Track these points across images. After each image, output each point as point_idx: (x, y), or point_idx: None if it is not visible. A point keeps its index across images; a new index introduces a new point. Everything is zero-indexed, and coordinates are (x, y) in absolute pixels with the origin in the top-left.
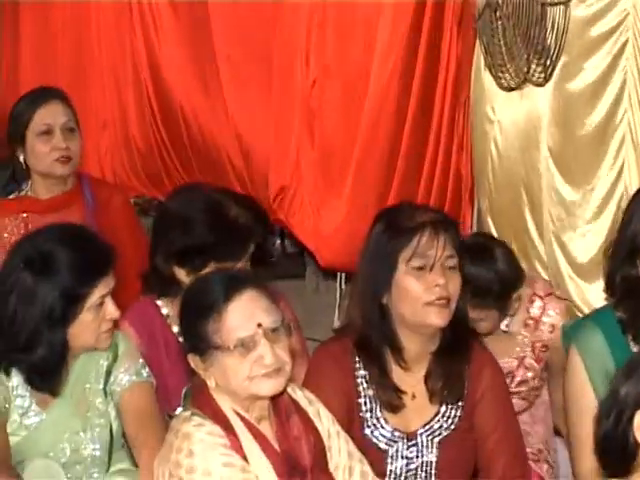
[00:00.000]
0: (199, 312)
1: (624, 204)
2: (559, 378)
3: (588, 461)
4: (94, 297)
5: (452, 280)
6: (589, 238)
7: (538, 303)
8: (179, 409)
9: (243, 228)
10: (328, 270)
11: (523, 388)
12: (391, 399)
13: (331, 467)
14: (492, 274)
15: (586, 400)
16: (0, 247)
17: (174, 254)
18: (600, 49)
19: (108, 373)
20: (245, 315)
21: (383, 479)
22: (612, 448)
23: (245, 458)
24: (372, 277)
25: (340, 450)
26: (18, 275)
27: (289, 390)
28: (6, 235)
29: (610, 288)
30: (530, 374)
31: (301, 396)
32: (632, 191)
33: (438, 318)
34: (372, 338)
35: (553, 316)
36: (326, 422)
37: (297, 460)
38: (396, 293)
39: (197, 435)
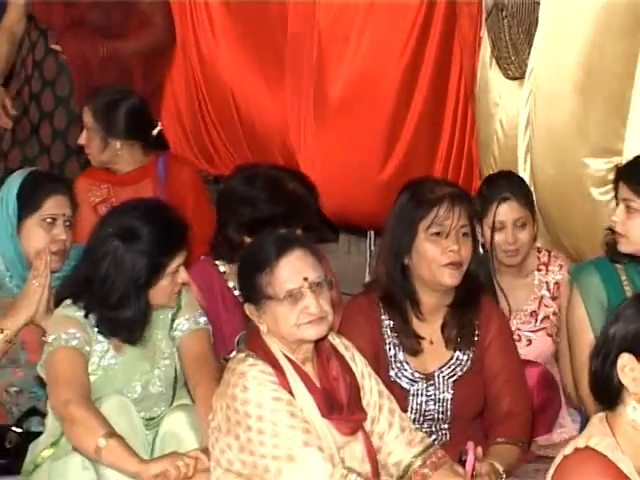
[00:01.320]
0: (255, 267)
1: None
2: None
3: (587, 385)
4: (172, 266)
5: (464, 246)
6: None
7: (545, 252)
8: (234, 352)
9: (301, 198)
10: (335, 222)
11: (547, 324)
12: (412, 344)
13: (364, 403)
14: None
15: (584, 333)
16: (86, 206)
17: (244, 226)
18: None
19: (172, 321)
20: (294, 270)
21: (406, 413)
22: (600, 384)
23: (291, 393)
24: (396, 241)
25: (372, 389)
26: (110, 245)
27: (329, 337)
28: (92, 198)
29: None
30: (550, 309)
31: (339, 343)
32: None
33: (450, 278)
34: (395, 293)
35: (560, 257)
36: (360, 365)
37: (335, 396)
38: (416, 255)
39: (251, 373)
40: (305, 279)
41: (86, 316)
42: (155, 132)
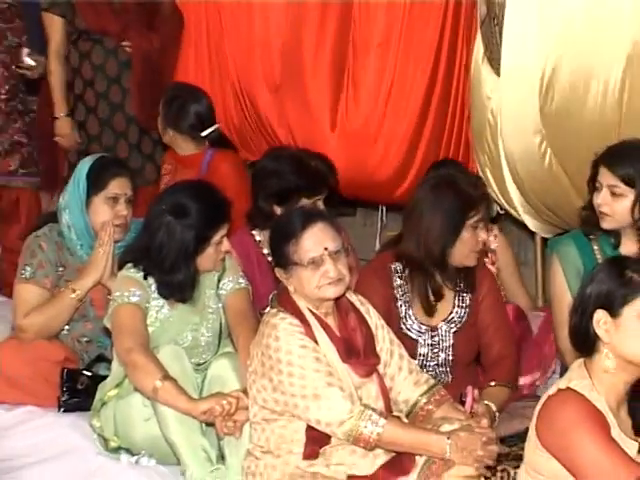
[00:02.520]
0: (283, 238)
1: None
2: (507, 267)
3: (566, 339)
4: (217, 237)
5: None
6: None
7: None
8: (268, 308)
9: (321, 172)
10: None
11: None
12: (430, 307)
13: (377, 350)
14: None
15: (564, 296)
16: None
17: (272, 196)
18: None
19: (218, 281)
20: (316, 240)
21: (415, 360)
22: (579, 336)
23: (316, 342)
24: (442, 232)
25: (384, 338)
26: (163, 219)
27: (347, 295)
28: (164, 171)
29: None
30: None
31: (355, 299)
32: None
33: (475, 260)
34: (427, 266)
35: (494, 228)
36: (374, 318)
37: (353, 344)
38: (458, 244)
39: (281, 325)
40: (325, 248)
41: (145, 277)
42: (205, 133)
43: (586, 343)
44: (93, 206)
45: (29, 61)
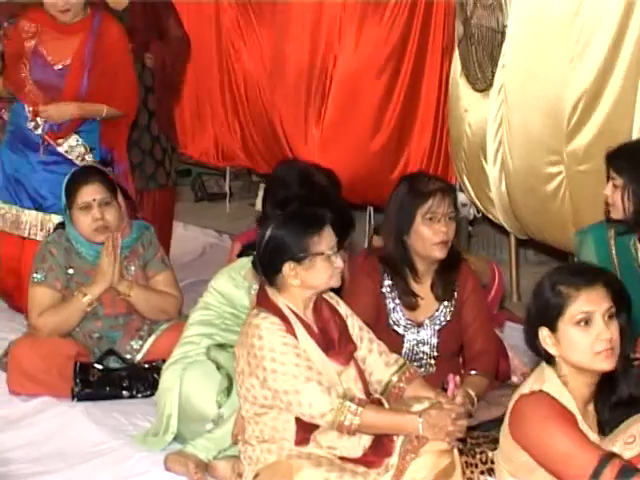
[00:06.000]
0: (309, 229)
1: None
2: None
3: None
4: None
5: (451, 227)
6: None
7: None
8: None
9: (323, 185)
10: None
11: None
12: (410, 301)
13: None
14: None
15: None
16: None
17: (279, 203)
18: None
19: None
20: (332, 237)
21: (401, 353)
22: (534, 351)
23: (296, 338)
24: (398, 224)
25: (354, 325)
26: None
27: None
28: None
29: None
30: None
31: (326, 294)
32: None
33: (441, 253)
34: (397, 262)
35: None
36: (344, 308)
37: (330, 335)
38: (414, 235)
39: (264, 324)
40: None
41: None
42: None
43: (542, 357)
44: (74, 217)
45: None
